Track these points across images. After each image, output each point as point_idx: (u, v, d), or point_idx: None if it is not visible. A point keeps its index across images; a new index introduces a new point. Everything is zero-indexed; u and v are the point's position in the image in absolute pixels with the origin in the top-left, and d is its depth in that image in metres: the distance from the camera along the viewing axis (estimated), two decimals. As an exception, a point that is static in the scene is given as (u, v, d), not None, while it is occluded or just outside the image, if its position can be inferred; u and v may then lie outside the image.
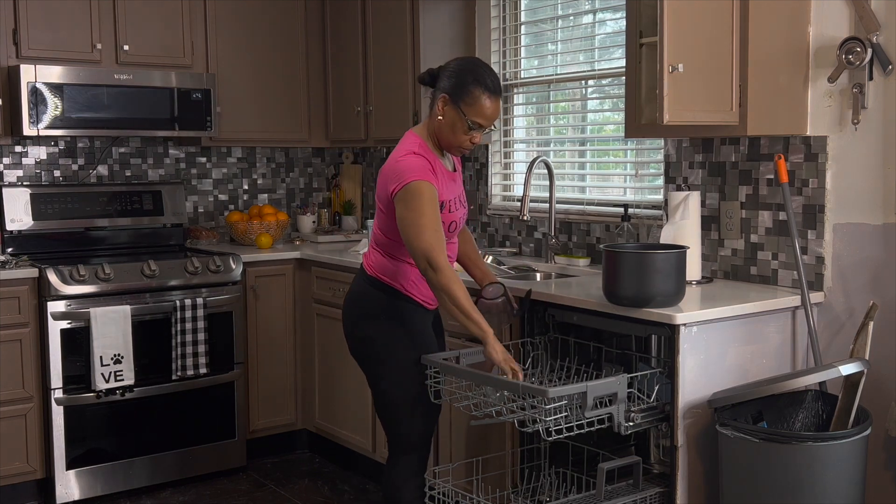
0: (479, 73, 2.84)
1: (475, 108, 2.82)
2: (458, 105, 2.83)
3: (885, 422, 2.87)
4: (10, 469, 3.94)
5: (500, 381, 2.76)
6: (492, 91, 2.83)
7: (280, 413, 4.61)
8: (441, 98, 2.86)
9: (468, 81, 2.83)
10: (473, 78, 2.83)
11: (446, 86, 2.86)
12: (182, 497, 4.16)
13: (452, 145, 2.90)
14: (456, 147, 2.91)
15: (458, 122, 2.84)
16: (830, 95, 3.04)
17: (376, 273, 2.97)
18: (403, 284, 2.94)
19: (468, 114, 2.82)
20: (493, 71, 2.89)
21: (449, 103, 2.84)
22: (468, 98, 2.82)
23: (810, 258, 3.12)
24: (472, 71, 2.85)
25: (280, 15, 4.85)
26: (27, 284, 3.93)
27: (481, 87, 2.82)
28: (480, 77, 2.83)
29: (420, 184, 2.77)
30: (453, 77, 2.86)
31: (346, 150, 5.35)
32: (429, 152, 2.88)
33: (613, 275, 2.85)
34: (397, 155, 2.88)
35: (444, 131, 2.87)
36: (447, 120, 2.86)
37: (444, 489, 3.00)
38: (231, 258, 4.36)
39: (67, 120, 4.20)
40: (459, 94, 2.83)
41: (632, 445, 3.18)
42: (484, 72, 2.85)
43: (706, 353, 2.83)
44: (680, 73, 2.80)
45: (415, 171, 2.79)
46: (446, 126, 2.86)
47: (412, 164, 2.81)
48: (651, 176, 3.76)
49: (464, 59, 2.96)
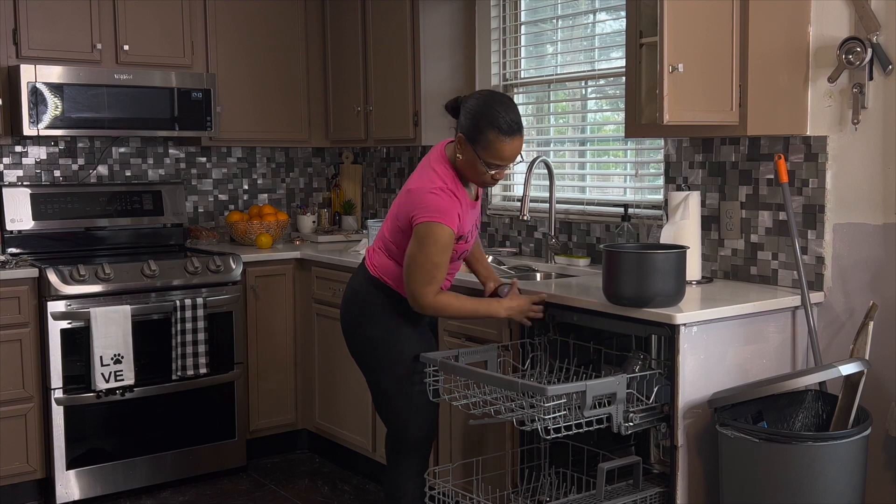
0: (494, 114, 2.77)
1: (490, 150, 2.79)
2: (475, 148, 2.80)
3: (885, 422, 2.87)
4: (10, 469, 3.94)
5: (499, 378, 2.77)
6: (507, 133, 2.77)
7: (280, 413, 4.61)
8: (458, 137, 2.84)
9: (483, 125, 2.78)
10: (488, 121, 2.77)
11: (463, 125, 2.82)
12: (182, 497, 4.16)
13: (475, 181, 2.90)
14: (479, 183, 2.91)
15: (476, 163, 2.82)
16: (830, 95, 3.04)
17: (380, 275, 2.98)
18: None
19: (483, 157, 2.79)
20: (511, 107, 2.80)
21: (466, 144, 2.81)
22: (483, 142, 2.78)
23: (810, 258, 3.12)
24: (487, 114, 2.78)
25: (280, 15, 4.85)
26: (27, 284, 3.93)
27: (496, 130, 2.76)
28: (495, 119, 2.77)
29: (442, 230, 2.78)
30: (469, 118, 2.80)
31: (346, 150, 5.35)
32: (457, 185, 2.87)
33: (613, 275, 2.85)
34: (431, 185, 2.84)
35: (466, 169, 2.86)
36: (466, 159, 2.83)
37: (444, 489, 3.00)
38: (231, 258, 4.36)
39: (67, 120, 4.20)
40: (475, 136, 2.79)
41: (632, 445, 3.18)
42: (499, 111, 2.78)
43: (706, 353, 2.82)
44: (680, 73, 2.80)
45: (443, 213, 2.79)
46: (467, 165, 2.85)
47: (444, 205, 2.80)
48: (651, 176, 3.76)
49: (480, 98, 2.86)
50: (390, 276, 2.97)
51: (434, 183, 2.84)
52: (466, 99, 2.87)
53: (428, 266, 2.81)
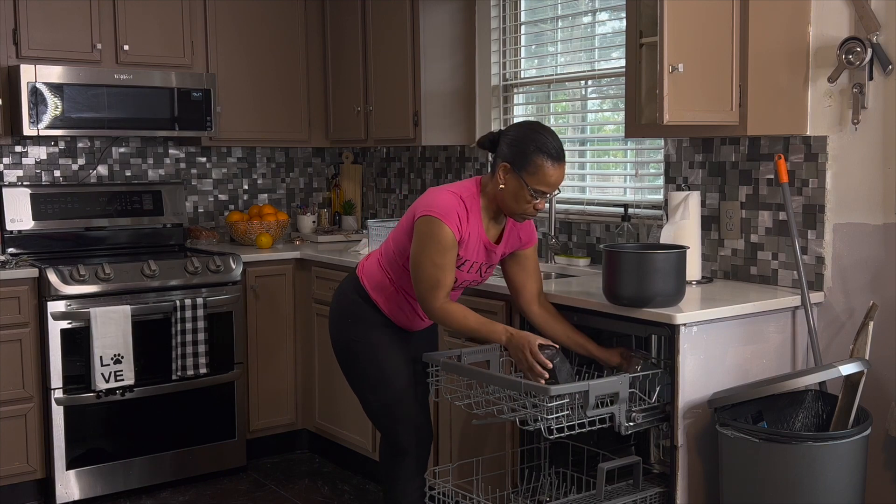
0: (541, 140, 2.76)
1: (537, 176, 2.75)
2: (521, 174, 2.76)
3: (885, 422, 2.87)
4: (10, 469, 3.94)
5: (502, 378, 2.77)
6: (555, 158, 2.75)
7: (280, 413, 4.61)
8: (501, 166, 2.79)
9: (530, 150, 2.75)
10: (536, 147, 2.75)
11: (507, 154, 2.79)
12: (182, 497, 4.16)
13: (515, 213, 2.84)
14: (519, 214, 2.85)
15: (521, 191, 2.77)
16: (830, 95, 3.04)
17: (363, 277, 3.00)
18: (381, 303, 2.97)
19: (531, 183, 2.75)
20: (555, 135, 2.80)
21: (510, 172, 2.77)
22: (531, 167, 2.75)
23: (810, 258, 3.12)
24: (534, 139, 2.76)
25: (280, 15, 4.85)
26: (27, 284, 3.93)
27: (544, 155, 2.74)
28: (542, 144, 2.75)
29: (441, 228, 2.76)
30: (514, 146, 2.78)
31: (346, 150, 5.35)
32: (474, 206, 2.83)
33: (613, 275, 2.85)
34: (448, 187, 2.86)
35: (507, 200, 2.81)
36: (509, 189, 2.79)
37: (444, 489, 3.00)
38: (231, 258, 4.36)
39: (67, 120, 4.20)
40: (522, 163, 2.75)
41: (632, 445, 3.18)
42: (546, 138, 2.77)
43: (706, 353, 2.83)
44: (680, 73, 2.80)
45: (445, 212, 2.77)
46: (509, 195, 2.80)
47: (448, 205, 2.79)
48: (651, 176, 3.76)
49: (524, 126, 2.86)
50: (372, 281, 2.98)
51: (449, 189, 2.85)
52: (507, 130, 2.85)
53: (429, 268, 2.78)
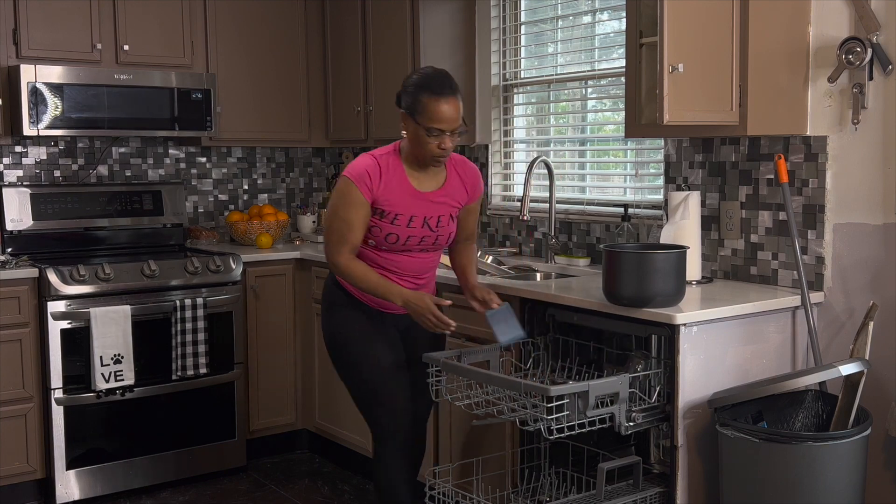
0: (423, 80, 2.92)
1: (426, 115, 2.87)
2: (415, 117, 2.89)
3: (885, 422, 2.87)
4: (10, 469, 3.93)
5: (502, 379, 2.77)
6: (438, 93, 2.87)
7: (280, 413, 4.61)
8: (401, 115, 2.95)
9: (416, 92, 2.91)
10: (417, 87, 2.90)
11: (403, 102, 2.95)
12: (182, 497, 4.16)
13: (426, 156, 2.95)
14: (429, 157, 2.95)
15: (419, 132, 2.90)
16: (830, 95, 3.04)
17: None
18: (348, 285, 3.07)
19: (423, 122, 2.88)
20: (440, 72, 2.95)
21: (407, 118, 2.93)
22: (419, 107, 2.88)
23: (810, 258, 3.12)
24: (416, 81, 2.93)
25: (280, 15, 4.85)
26: (27, 284, 3.93)
27: (427, 92, 2.88)
28: (423, 83, 2.90)
29: (348, 185, 2.93)
30: (404, 92, 2.95)
31: (346, 150, 5.35)
32: (391, 162, 2.97)
33: (613, 275, 2.85)
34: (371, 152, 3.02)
35: (413, 146, 2.96)
36: (410, 134, 2.94)
37: (443, 489, 3.00)
38: (231, 258, 4.36)
39: (67, 120, 4.20)
40: (412, 106, 2.90)
41: (632, 445, 3.18)
42: (428, 77, 2.92)
43: (706, 353, 2.83)
44: (680, 73, 2.80)
45: (355, 171, 2.94)
46: (413, 140, 2.95)
47: (359, 164, 2.96)
48: (651, 176, 3.76)
49: (413, 71, 3.07)
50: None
51: (370, 153, 3.01)
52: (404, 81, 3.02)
53: (337, 223, 2.95)
